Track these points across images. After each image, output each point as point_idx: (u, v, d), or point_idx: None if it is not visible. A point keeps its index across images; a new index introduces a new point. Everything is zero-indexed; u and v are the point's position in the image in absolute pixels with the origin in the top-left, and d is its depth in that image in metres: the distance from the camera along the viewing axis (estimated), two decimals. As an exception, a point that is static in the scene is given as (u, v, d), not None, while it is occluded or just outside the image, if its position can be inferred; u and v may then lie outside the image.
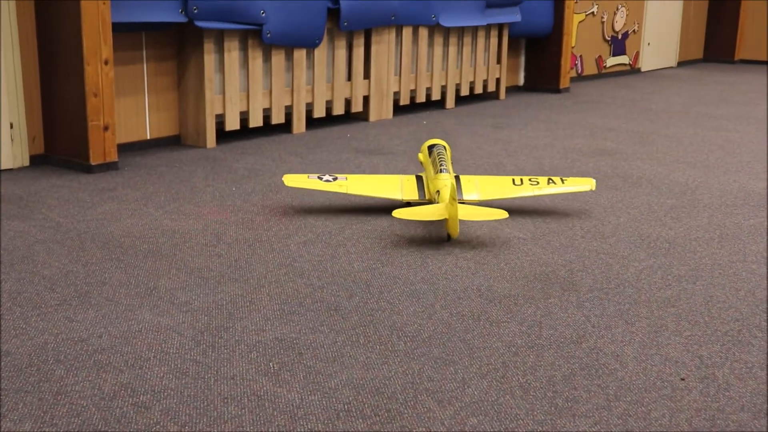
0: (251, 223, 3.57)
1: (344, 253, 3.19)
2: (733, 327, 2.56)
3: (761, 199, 4.14)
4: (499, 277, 2.96)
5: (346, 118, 6.27)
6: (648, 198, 4.12)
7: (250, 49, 5.28)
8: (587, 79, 9.18)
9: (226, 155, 4.95)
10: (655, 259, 3.19)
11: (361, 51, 6.08)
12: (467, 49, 7.09)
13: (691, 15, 11.13)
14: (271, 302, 2.69)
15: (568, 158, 5.02)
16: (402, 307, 2.67)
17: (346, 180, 3.78)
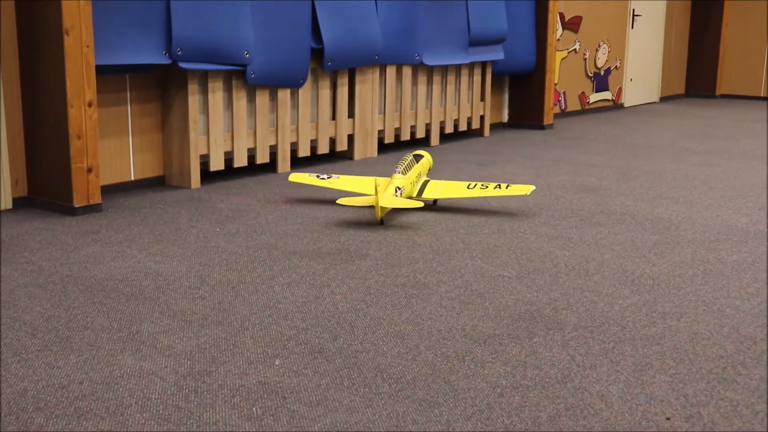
0: (235, 265, 3.55)
1: (328, 294, 3.18)
2: (718, 364, 2.56)
3: (743, 234, 4.16)
4: (484, 317, 2.95)
5: (330, 157, 6.28)
6: (632, 234, 4.14)
7: (234, 90, 5.31)
8: (571, 115, 9.25)
9: (210, 195, 4.94)
10: (639, 296, 3.19)
11: (345, 90, 6.12)
12: (451, 87, 7.14)
13: (672, 51, 11.27)
14: (254, 345, 2.67)
15: (552, 195, 5.04)
16: (386, 349, 2.65)
17: (338, 179, 4.77)
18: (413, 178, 4.61)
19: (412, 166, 4.64)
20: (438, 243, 3.93)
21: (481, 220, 4.39)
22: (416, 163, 4.71)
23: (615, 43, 9.93)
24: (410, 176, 4.57)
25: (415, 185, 4.62)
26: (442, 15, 6.72)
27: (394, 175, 4.49)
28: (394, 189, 4.38)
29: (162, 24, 4.76)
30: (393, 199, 4.27)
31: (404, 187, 4.45)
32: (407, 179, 4.52)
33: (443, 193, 4.59)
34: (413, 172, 4.62)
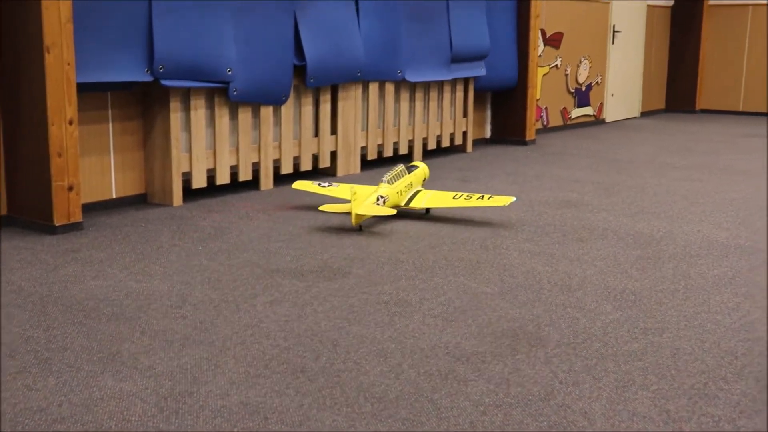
0: (217, 283, 3.54)
1: (311, 313, 3.17)
2: (700, 380, 2.56)
3: (724, 248, 4.18)
4: (467, 334, 2.95)
5: (313, 174, 6.28)
6: (614, 249, 4.15)
7: (216, 107, 5.30)
8: (553, 130, 9.30)
9: (192, 213, 4.93)
10: (621, 312, 3.20)
11: (327, 107, 6.12)
12: (433, 104, 7.16)
13: (653, 66, 11.36)
14: (236, 365, 2.66)
15: (534, 210, 5.05)
16: (369, 367, 2.64)
17: (337, 186, 5.03)
18: (401, 187, 4.80)
19: (402, 176, 4.85)
20: (421, 260, 3.93)
21: (464, 236, 4.40)
22: (408, 174, 4.92)
23: (596, 58, 10.00)
24: (397, 186, 4.77)
25: (403, 195, 4.82)
26: (424, 32, 6.75)
27: (380, 184, 4.70)
28: (376, 198, 4.59)
29: (144, 41, 4.75)
30: (368, 207, 4.49)
31: (388, 196, 4.65)
32: (393, 189, 4.71)
33: (431, 203, 4.79)
34: (402, 182, 4.82)
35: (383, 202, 4.60)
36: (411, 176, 4.95)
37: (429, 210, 4.95)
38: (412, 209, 4.89)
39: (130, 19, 4.67)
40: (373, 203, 4.55)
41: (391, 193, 4.69)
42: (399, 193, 4.77)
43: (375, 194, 4.60)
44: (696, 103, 11.57)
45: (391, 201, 4.68)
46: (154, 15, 4.75)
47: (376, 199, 4.58)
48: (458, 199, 4.74)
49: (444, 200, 4.79)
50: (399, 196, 4.77)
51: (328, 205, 4.65)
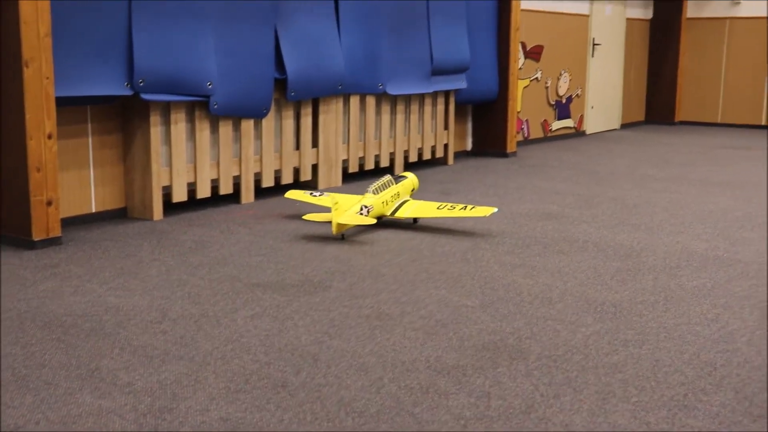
0: (197, 298, 3.52)
1: (292, 327, 3.16)
2: (679, 391, 2.57)
3: (703, 260, 4.21)
4: (448, 347, 2.95)
5: (295, 187, 6.27)
6: (594, 261, 4.17)
7: (197, 121, 5.29)
8: (534, 142, 9.34)
9: (173, 227, 4.90)
10: (602, 324, 3.21)
11: (309, 120, 6.12)
12: (414, 116, 7.18)
13: (632, 79, 11.45)
14: (216, 380, 2.64)
15: (515, 223, 5.07)
16: (350, 382, 2.64)
17: (327, 196, 5.03)
18: (387, 197, 4.91)
19: (388, 186, 4.98)
20: (402, 273, 3.93)
21: (445, 249, 4.40)
22: (395, 184, 5.06)
23: (576, 71, 10.06)
24: (383, 196, 4.89)
25: (389, 204, 4.93)
26: (405, 45, 6.77)
27: (365, 194, 4.84)
28: (360, 207, 4.70)
29: (123, 55, 4.74)
30: (350, 216, 4.59)
31: (373, 206, 4.77)
32: (378, 199, 4.83)
33: (416, 213, 4.90)
34: (388, 192, 4.94)
35: (367, 212, 4.70)
36: (398, 186, 5.08)
37: (416, 220, 5.04)
38: (398, 219, 5.00)
39: (109, 33, 4.66)
40: (356, 213, 4.65)
41: (375, 203, 4.80)
42: (384, 203, 4.89)
43: (359, 204, 4.72)
44: (675, 115, 11.66)
45: (375, 211, 4.79)
46: (134, 28, 4.74)
47: (359, 208, 4.69)
48: (442, 210, 4.84)
49: (429, 210, 4.89)
50: (384, 206, 4.89)
51: (311, 214, 4.77)
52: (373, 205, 4.79)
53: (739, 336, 3.09)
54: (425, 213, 4.88)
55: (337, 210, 4.52)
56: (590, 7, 10.15)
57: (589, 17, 10.17)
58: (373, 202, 4.79)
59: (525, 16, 8.78)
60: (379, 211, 4.84)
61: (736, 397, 2.54)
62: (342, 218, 4.54)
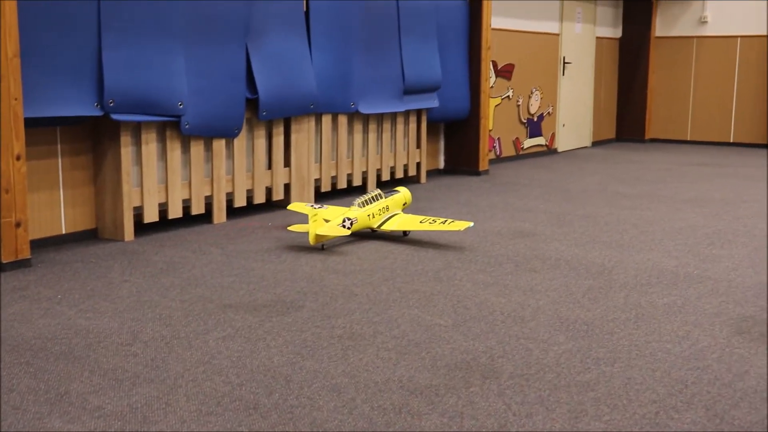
0: (169, 319, 3.49)
1: (264, 348, 3.15)
2: (651, 409, 2.59)
3: (673, 277, 4.25)
4: (421, 367, 2.95)
5: (267, 206, 6.26)
6: (566, 279, 4.19)
7: (168, 141, 5.27)
8: (506, 160, 9.39)
9: (144, 248, 4.87)
10: (574, 342, 3.22)
11: (281, 139, 6.12)
12: (387, 135, 7.20)
13: (603, 97, 11.56)
14: (188, 403, 2.62)
15: (487, 241, 5.08)
16: (322, 403, 2.63)
17: (326, 209, 5.24)
18: (374, 210, 5.13)
19: (377, 200, 5.19)
20: (375, 292, 3.92)
21: (418, 268, 4.41)
22: (384, 198, 5.26)
23: (547, 89, 10.15)
24: (369, 209, 5.10)
25: (377, 217, 5.14)
26: (376, 64, 6.80)
27: (351, 207, 5.09)
28: (343, 219, 4.92)
29: (93, 75, 4.71)
30: (329, 227, 4.78)
31: (357, 218, 4.99)
32: (363, 212, 5.05)
33: (401, 226, 5.10)
34: (376, 206, 5.15)
35: (351, 224, 4.92)
36: (388, 200, 5.27)
37: (407, 233, 5.22)
38: (385, 231, 5.17)
39: (78, 53, 4.63)
40: (338, 224, 4.85)
41: (360, 216, 5.02)
42: (370, 216, 5.10)
43: (342, 216, 4.94)
44: (645, 133, 11.78)
45: (360, 223, 5.01)
46: (104, 48, 4.72)
47: (342, 220, 4.90)
48: (424, 224, 5.05)
49: (412, 224, 5.09)
50: (370, 219, 5.10)
51: (296, 225, 4.98)
52: (358, 218, 4.99)
53: (710, 353, 3.11)
54: (409, 226, 5.07)
55: (315, 221, 4.73)
56: (560, 26, 10.26)
57: (560, 36, 10.27)
58: (358, 215, 5.00)
59: (496, 35, 8.85)
60: (364, 223, 5.05)
61: (706, 415, 2.55)
62: (321, 229, 4.71)
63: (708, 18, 11.25)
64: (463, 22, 7.96)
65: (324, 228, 4.75)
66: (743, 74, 11.11)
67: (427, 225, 5.02)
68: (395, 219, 5.18)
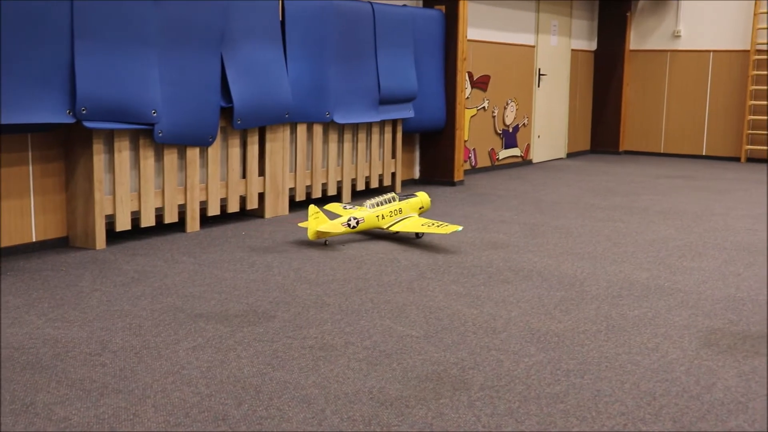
0: (139, 329, 3.47)
1: (234, 358, 3.13)
2: (619, 421, 2.60)
3: (645, 289, 4.27)
4: (391, 378, 2.94)
5: (241, 215, 6.24)
6: (538, 291, 4.20)
7: (141, 149, 5.24)
8: (481, 171, 9.43)
9: (116, 257, 4.83)
10: (544, 354, 3.24)
11: (255, 148, 6.10)
12: (362, 145, 7.20)
13: (578, 109, 11.64)
14: (155, 414, 2.60)
15: (461, 252, 5.09)
16: (292, 414, 2.61)
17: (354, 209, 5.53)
18: (385, 212, 5.44)
19: (389, 202, 5.50)
20: (347, 303, 3.92)
21: (391, 279, 4.41)
22: (399, 201, 5.56)
23: (522, 101, 10.20)
24: (380, 210, 5.42)
25: (387, 219, 5.44)
26: (352, 74, 6.81)
27: (360, 207, 5.46)
28: (349, 218, 5.29)
29: (66, 82, 4.68)
30: (330, 225, 5.17)
31: (364, 218, 5.35)
32: (372, 212, 5.39)
33: (405, 228, 5.37)
34: (387, 208, 5.46)
35: (356, 223, 5.30)
36: (402, 203, 5.56)
37: (419, 234, 5.48)
38: (393, 232, 5.51)
39: (51, 60, 4.59)
40: (341, 223, 5.24)
41: (368, 216, 5.37)
42: (380, 217, 5.42)
43: (349, 215, 5.32)
44: (619, 145, 11.87)
45: (367, 223, 5.36)
46: (77, 55, 4.69)
47: (347, 219, 5.29)
48: (424, 226, 5.31)
49: (415, 226, 5.36)
50: (379, 220, 5.42)
51: (304, 222, 5.33)
52: (365, 218, 5.35)
53: (678, 365, 3.13)
54: (412, 228, 5.33)
55: (317, 219, 5.11)
56: (536, 38, 10.32)
57: (535, 48, 10.34)
58: (366, 215, 5.36)
59: (472, 46, 8.89)
60: (373, 223, 5.39)
61: (674, 426, 2.57)
62: (322, 227, 5.12)
63: (681, 32, 11.37)
64: (439, 33, 7.99)
65: (326, 225, 5.12)
66: (715, 88, 11.23)
67: (426, 228, 5.28)
68: (404, 222, 5.42)
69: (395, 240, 5.42)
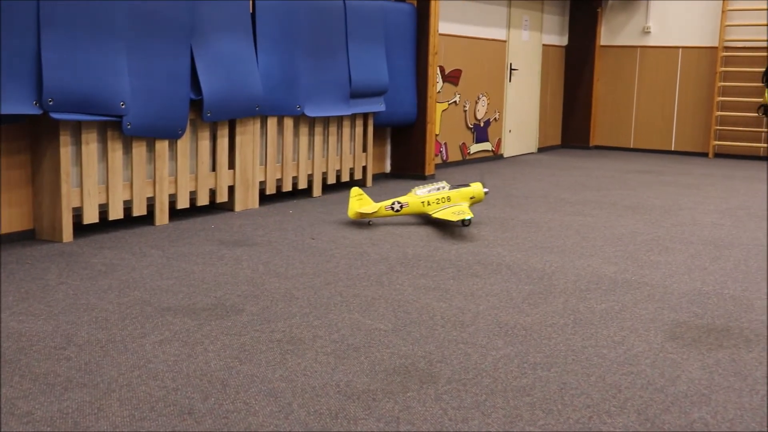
0: (105, 323, 3.44)
1: (201, 352, 3.11)
2: (584, 414, 2.62)
3: (612, 283, 4.31)
4: (359, 372, 2.94)
5: (211, 208, 6.20)
6: (507, 284, 4.22)
7: (109, 141, 5.19)
8: (452, 165, 9.44)
9: (83, 250, 4.79)
10: (512, 347, 3.25)
11: (225, 141, 6.07)
12: (333, 138, 7.19)
13: (549, 104, 11.70)
14: (120, 408, 2.58)
15: (431, 246, 5.10)
16: (258, 408, 2.61)
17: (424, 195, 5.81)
18: (432, 199, 5.72)
19: (439, 190, 5.75)
20: (316, 296, 3.91)
21: (360, 272, 4.40)
22: (449, 190, 5.78)
23: (494, 95, 10.23)
24: (427, 197, 5.72)
25: (432, 206, 5.71)
26: (323, 67, 6.79)
27: (410, 192, 5.80)
28: (393, 202, 5.68)
29: (32, 73, 4.62)
30: (372, 206, 5.62)
31: (408, 203, 5.70)
32: (418, 198, 5.72)
33: (443, 216, 5.59)
34: (434, 195, 5.73)
35: (400, 207, 5.67)
36: (451, 192, 5.77)
37: (465, 222, 5.71)
38: (437, 219, 5.77)
39: (16, 50, 4.53)
40: (385, 206, 5.65)
41: (413, 202, 5.70)
42: (425, 203, 5.70)
43: (395, 199, 5.71)
44: (590, 140, 11.95)
45: (411, 208, 5.71)
46: (43, 46, 4.63)
47: (392, 203, 5.68)
48: (455, 215, 5.55)
49: (451, 215, 5.57)
50: (424, 206, 5.71)
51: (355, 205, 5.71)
52: (409, 203, 5.69)
53: (644, 358, 3.16)
54: (449, 217, 5.55)
55: (360, 200, 5.57)
56: (508, 33, 10.35)
57: (507, 43, 10.37)
58: (410, 201, 5.70)
59: (443, 41, 8.89)
60: (417, 209, 5.71)
61: (638, 419, 2.59)
62: (364, 208, 5.57)
63: (651, 28, 11.46)
64: (410, 27, 7.98)
65: (369, 206, 5.57)
66: (684, 84, 11.34)
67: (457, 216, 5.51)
68: (446, 210, 5.62)
69: (366, 233, 5.42)
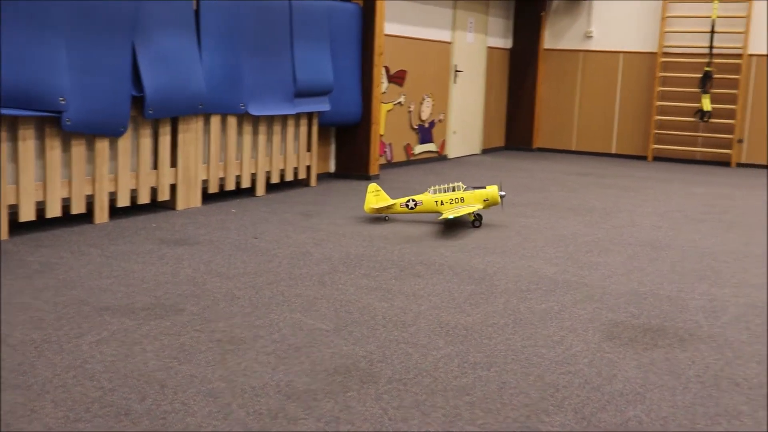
0: (41, 322, 3.37)
1: (140, 352, 3.07)
2: (523, 413, 2.65)
3: (552, 283, 4.36)
4: (300, 372, 2.93)
5: (152, 207, 6.12)
6: (449, 285, 4.25)
7: (47, 138, 5.08)
8: (397, 165, 9.47)
9: (19, 248, 4.69)
10: (453, 347, 3.27)
11: (167, 139, 6.00)
12: (277, 137, 7.15)
13: (493, 106, 11.80)
14: (55, 409, 2.53)
15: (374, 246, 5.11)
16: (197, 408, 2.58)
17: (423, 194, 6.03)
18: (445, 199, 5.89)
19: (453, 190, 5.91)
20: (257, 296, 3.89)
21: (303, 272, 4.39)
22: (462, 191, 5.92)
23: (439, 96, 10.28)
24: (440, 197, 5.90)
25: (446, 206, 5.88)
26: (267, 66, 6.75)
27: (426, 191, 6.05)
28: (408, 200, 5.93)
29: (-33, 67, 4.51)
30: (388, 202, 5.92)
31: (422, 201, 5.91)
32: (432, 197, 5.91)
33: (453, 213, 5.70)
34: (448, 195, 5.90)
35: (414, 205, 5.90)
36: (465, 193, 5.91)
37: (476, 223, 5.86)
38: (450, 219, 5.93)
39: (-48, 43, 4.42)
40: (401, 203, 5.92)
41: (427, 200, 5.90)
42: (438, 203, 5.88)
43: (409, 198, 5.94)
44: (533, 142, 12.09)
45: (425, 206, 5.90)
46: (-20, 40, 4.52)
47: (407, 200, 5.92)
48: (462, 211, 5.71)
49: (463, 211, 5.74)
50: (438, 205, 5.89)
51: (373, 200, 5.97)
52: (423, 201, 5.90)
53: (582, 358, 3.21)
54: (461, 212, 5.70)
55: (377, 196, 5.87)
56: (453, 35, 10.42)
57: (452, 44, 10.43)
58: (425, 199, 5.91)
59: (389, 41, 8.91)
60: (431, 207, 5.89)
61: (575, 417, 2.63)
62: (379, 204, 5.86)
63: (593, 33, 11.64)
64: (356, 27, 7.98)
65: (385, 203, 5.85)
66: (625, 88, 11.54)
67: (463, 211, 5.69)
68: (458, 209, 5.76)
69: (309, 233, 5.40)
